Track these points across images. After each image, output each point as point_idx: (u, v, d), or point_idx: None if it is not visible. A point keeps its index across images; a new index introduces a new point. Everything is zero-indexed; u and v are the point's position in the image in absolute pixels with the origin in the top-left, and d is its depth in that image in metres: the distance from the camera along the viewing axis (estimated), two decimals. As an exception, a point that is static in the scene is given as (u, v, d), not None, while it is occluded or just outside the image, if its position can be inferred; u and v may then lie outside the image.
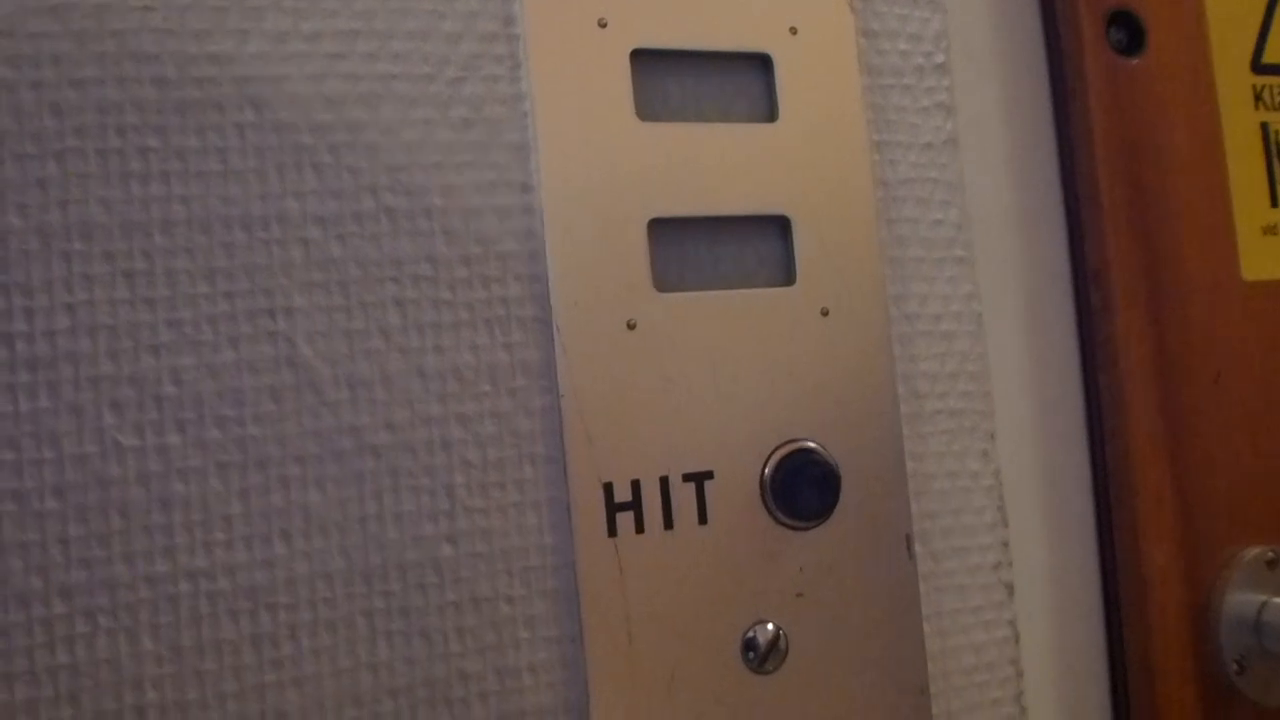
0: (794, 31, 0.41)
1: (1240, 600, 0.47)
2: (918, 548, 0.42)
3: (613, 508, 0.36)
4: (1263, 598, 0.47)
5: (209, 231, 0.34)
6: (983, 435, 0.43)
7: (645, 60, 0.39)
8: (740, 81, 0.40)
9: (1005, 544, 0.43)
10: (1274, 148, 0.52)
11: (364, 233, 0.35)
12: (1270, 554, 0.48)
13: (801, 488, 0.38)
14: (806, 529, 0.39)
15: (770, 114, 0.40)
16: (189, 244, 0.33)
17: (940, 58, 0.44)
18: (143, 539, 0.32)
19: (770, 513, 0.38)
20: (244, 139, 0.34)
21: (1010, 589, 0.43)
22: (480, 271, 0.36)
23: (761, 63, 0.41)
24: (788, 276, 0.40)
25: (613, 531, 0.36)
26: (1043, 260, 0.48)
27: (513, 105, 0.37)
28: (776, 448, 0.39)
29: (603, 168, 0.37)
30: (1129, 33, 0.49)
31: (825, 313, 0.40)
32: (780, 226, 0.40)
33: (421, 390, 0.35)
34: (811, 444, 0.39)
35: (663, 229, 0.38)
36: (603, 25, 0.38)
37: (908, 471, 0.41)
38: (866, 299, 0.41)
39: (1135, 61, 0.49)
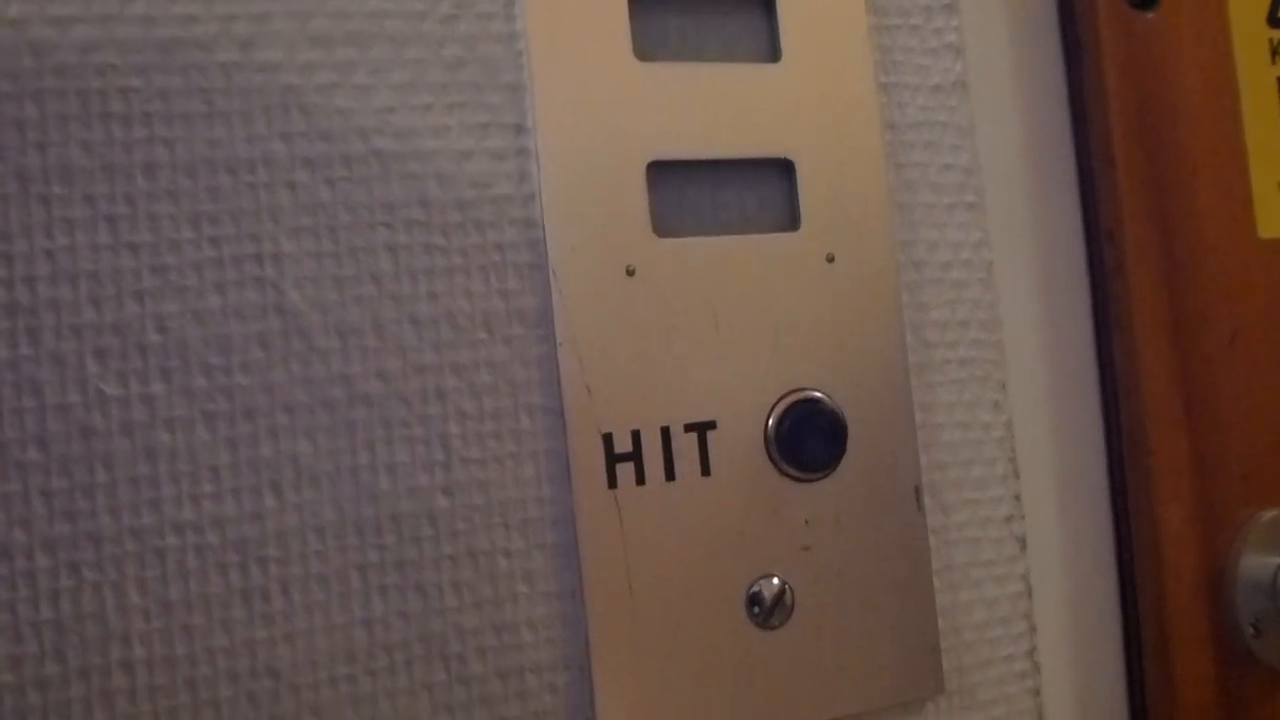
0: (797, -33, 0.39)
1: (1256, 563, 0.47)
2: (927, 500, 0.41)
3: (613, 459, 0.35)
4: (1279, 560, 0.47)
5: (193, 175, 0.33)
6: (994, 385, 0.42)
7: (645, -1, 0.38)
8: (742, 20, 0.39)
9: (1017, 496, 0.43)
10: None
11: (354, 176, 0.34)
12: None
13: (807, 438, 0.37)
14: (812, 481, 0.38)
15: (773, 54, 0.39)
16: (173, 188, 0.33)
17: (948, -3, 0.43)
18: (128, 491, 0.31)
19: (775, 464, 0.37)
20: (229, 79, 0.33)
21: (1022, 542, 0.42)
22: (474, 216, 0.35)
23: (764, 0, 0.39)
24: (792, 221, 0.39)
25: (613, 483, 0.35)
26: (1055, 217, 0.47)
27: (507, 44, 0.36)
28: (781, 397, 0.38)
29: (600, 109, 0.36)
30: None
31: (830, 259, 0.39)
32: (784, 170, 0.39)
33: (414, 338, 0.34)
34: (817, 393, 0.38)
35: (662, 172, 0.37)
36: (599, -39, 0.37)
37: (916, 422, 0.40)
38: (873, 245, 0.39)
39: (1150, 16, 0.48)
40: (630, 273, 0.36)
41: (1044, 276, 0.46)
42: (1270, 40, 0.51)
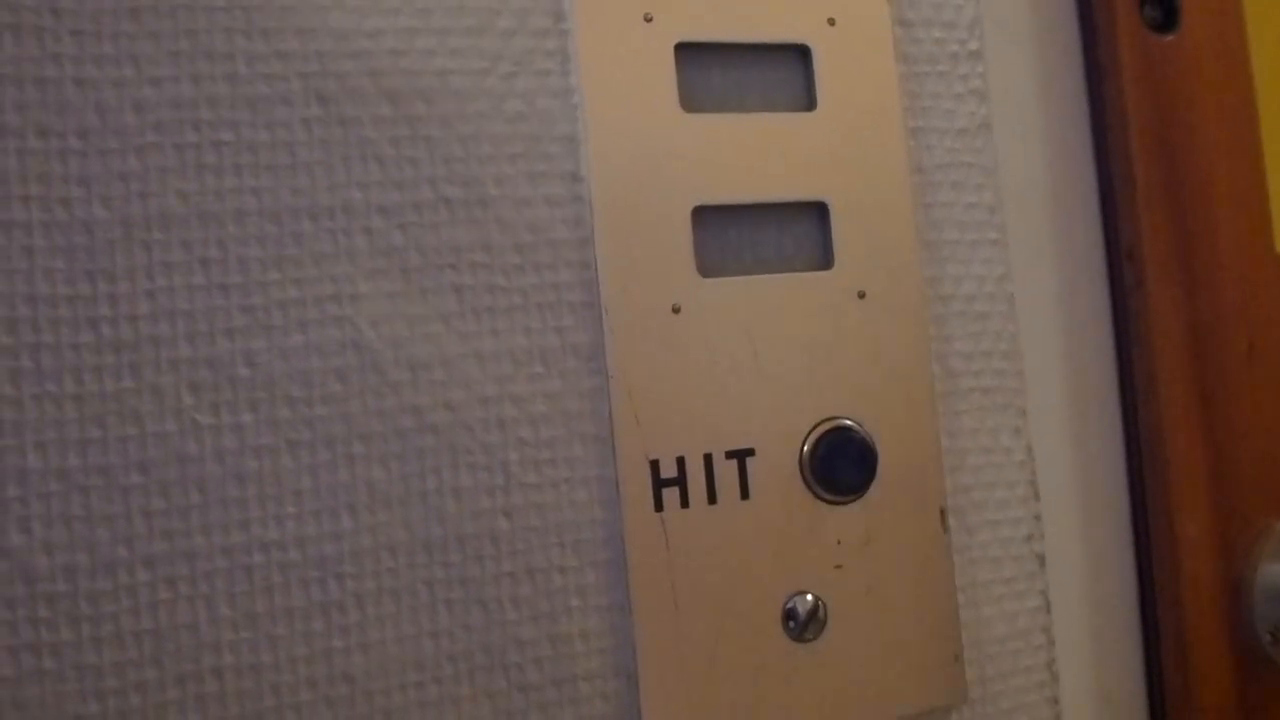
0: (831, 23, 0.42)
1: (1274, 571, 0.48)
2: (951, 521, 0.43)
3: (659, 484, 0.38)
4: None
5: (279, 221, 0.36)
6: (1015, 412, 0.45)
7: (689, 53, 0.40)
8: (780, 72, 0.42)
9: (1037, 517, 0.45)
10: None
11: (423, 222, 0.37)
12: None
13: (840, 464, 0.40)
14: (844, 503, 0.40)
15: (809, 103, 0.42)
16: (260, 233, 0.35)
17: (974, 44, 0.45)
18: (219, 512, 0.34)
19: (809, 488, 0.40)
20: (311, 133, 0.36)
21: (1042, 560, 0.45)
22: (532, 258, 0.38)
23: (800, 54, 0.42)
24: (826, 260, 0.41)
25: (659, 506, 0.38)
26: (1077, 236, 0.49)
27: (563, 98, 0.39)
28: (815, 425, 0.40)
29: (649, 158, 0.39)
30: (1164, 10, 0.50)
31: (862, 295, 0.41)
32: (819, 212, 0.41)
33: (478, 372, 0.37)
34: (849, 422, 0.41)
35: (706, 216, 0.40)
36: (648, 20, 0.39)
37: (942, 448, 0.43)
38: (902, 281, 0.42)
39: (1169, 39, 0.50)
40: (676, 310, 0.39)
41: (1067, 300, 0.49)
42: None
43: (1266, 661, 0.48)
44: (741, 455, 0.39)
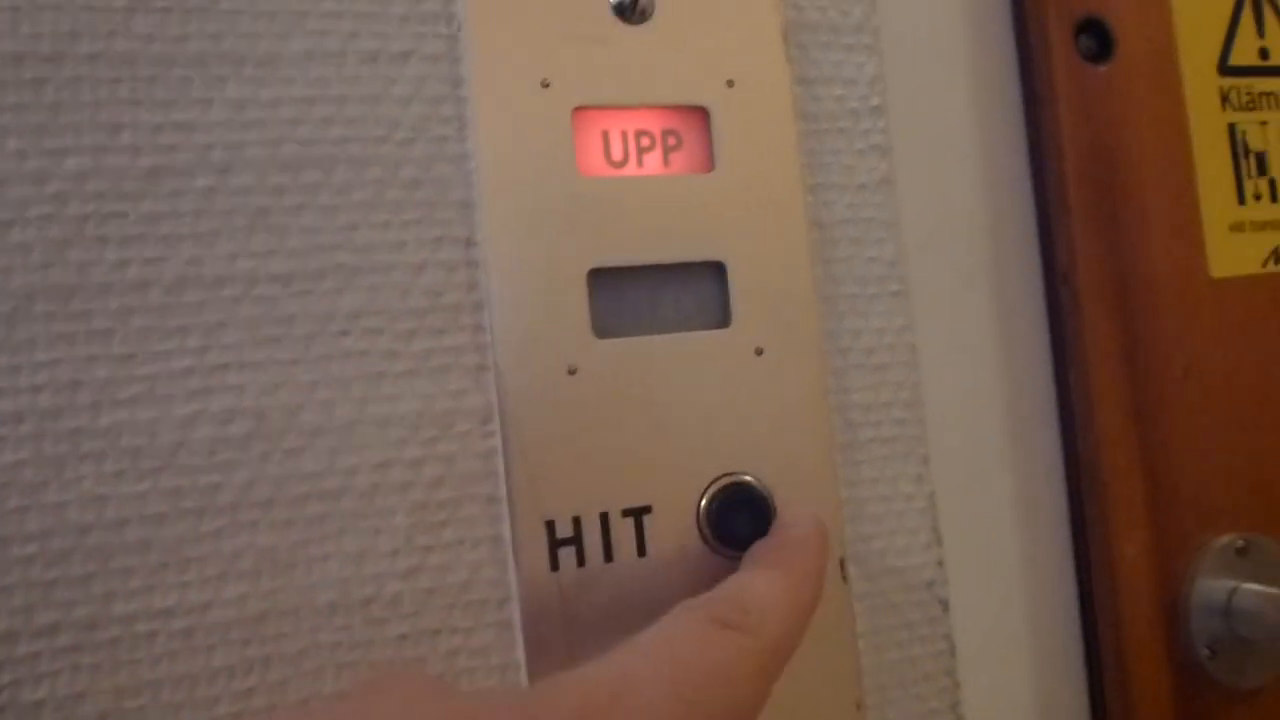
0: (730, 84, 0.43)
1: (1211, 586, 0.49)
2: (852, 569, 0.44)
3: (555, 543, 0.39)
4: (1233, 584, 0.49)
5: (174, 292, 0.36)
6: (916, 460, 0.46)
7: (587, 117, 0.41)
8: (678, 134, 0.42)
9: (940, 563, 0.46)
10: (1241, 147, 0.54)
11: (318, 289, 0.38)
12: (1240, 541, 0.50)
13: (736, 518, 0.40)
14: (741, 557, 0.41)
15: (708, 164, 0.42)
16: (155, 303, 0.36)
17: (875, 100, 0.46)
18: (114, 581, 0.35)
19: (707, 543, 0.41)
20: (207, 202, 0.37)
21: (945, 605, 0.46)
22: (427, 323, 0.39)
23: (700, 115, 0.43)
24: (723, 319, 0.42)
25: (555, 566, 0.39)
26: (1014, 259, 0.51)
27: (459, 164, 0.40)
28: (713, 481, 0.41)
29: (544, 221, 0.40)
30: (1098, 40, 0.51)
31: (760, 351, 0.42)
32: (716, 271, 0.42)
33: (372, 437, 0.38)
34: (747, 476, 0.41)
35: (602, 278, 0.40)
36: (545, 86, 0.40)
37: (842, 498, 0.44)
38: (799, 337, 0.43)
39: (1104, 68, 0.51)
40: (572, 372, 0.39)
41: (1005, 315, 0.50)
42: (1220, 89, 0.54)
43: (1206, 677, 0.49)
44: (639, 513, 0.40)
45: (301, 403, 0.37)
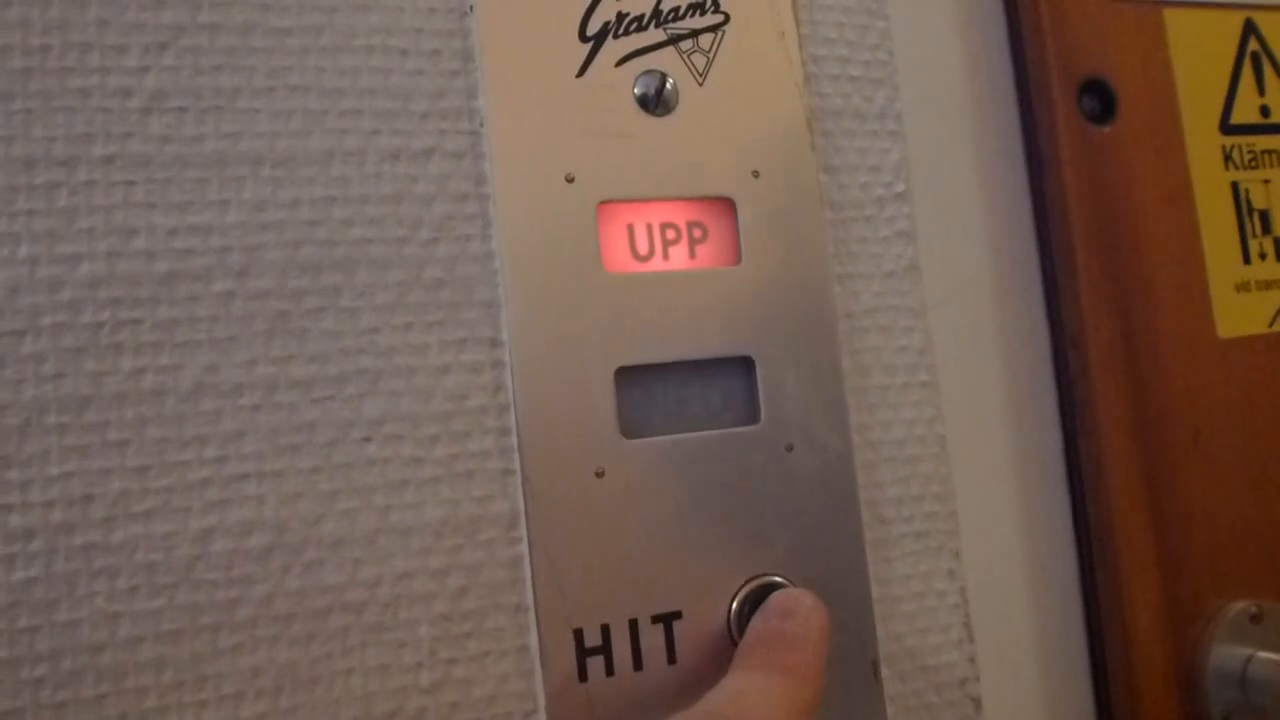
0: (756, 175, 0.42)
1: (1225, 654, 0.49)
2: (885, 669, 0.43)
3: (583, 653, 0.37)
4: (1248, 652, 0.49)
5: (190, 400, 0.35)
6: (948, 554, 0.45)
7: (612, 213, 0.40)
8: (705, 226, 0.42)
9: (972, 659, 0.45)
10: (1244, 205, 0.54)
11: (339, 395, 0.37)
12: (1254, 608, 0.49)
13: (768, 622, 0.39)
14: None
15: (734, 256, 0.42)
16: (172, 413, 0.35)
17: (900, 186, 0.46)
18: (129, 701, 0.34)
19: (738, 648, 0.40)
20: (225, 308, 0.36)
21: (978, 703, 0.44)
22: (451, 428, 0.38)
23: (726, 206, 0.42)
24: (752, 415, 0.41)
25: (583, 676, 0.37)
26: (1022, 324, 0.50)
27: (484, 263, 0.39)
28: (744, 584, 0.40)
29: (570, 320, 0.39)
30: (1101, 101, 0.51)
31: (790, 448, 0.41)
32: (745, 366, 0.41)
33: (395, 546, 0.37)
34: (778, 578, 0.40)
35: (629, 376, 0.40)
36: (570, 180, 0.39)
37: (874, 596, 0.43)
38: (830, 431, 0.42)
39: (1107, 129, 0.51)
40: (599, 474, 0.38)
41: (1012, 384, 0.49)
42: (1223, 147, 0.53)
43: (1222, 745, 0.48)
44: (668, 619, 0.39)
45: (323, 513, 0.36)
